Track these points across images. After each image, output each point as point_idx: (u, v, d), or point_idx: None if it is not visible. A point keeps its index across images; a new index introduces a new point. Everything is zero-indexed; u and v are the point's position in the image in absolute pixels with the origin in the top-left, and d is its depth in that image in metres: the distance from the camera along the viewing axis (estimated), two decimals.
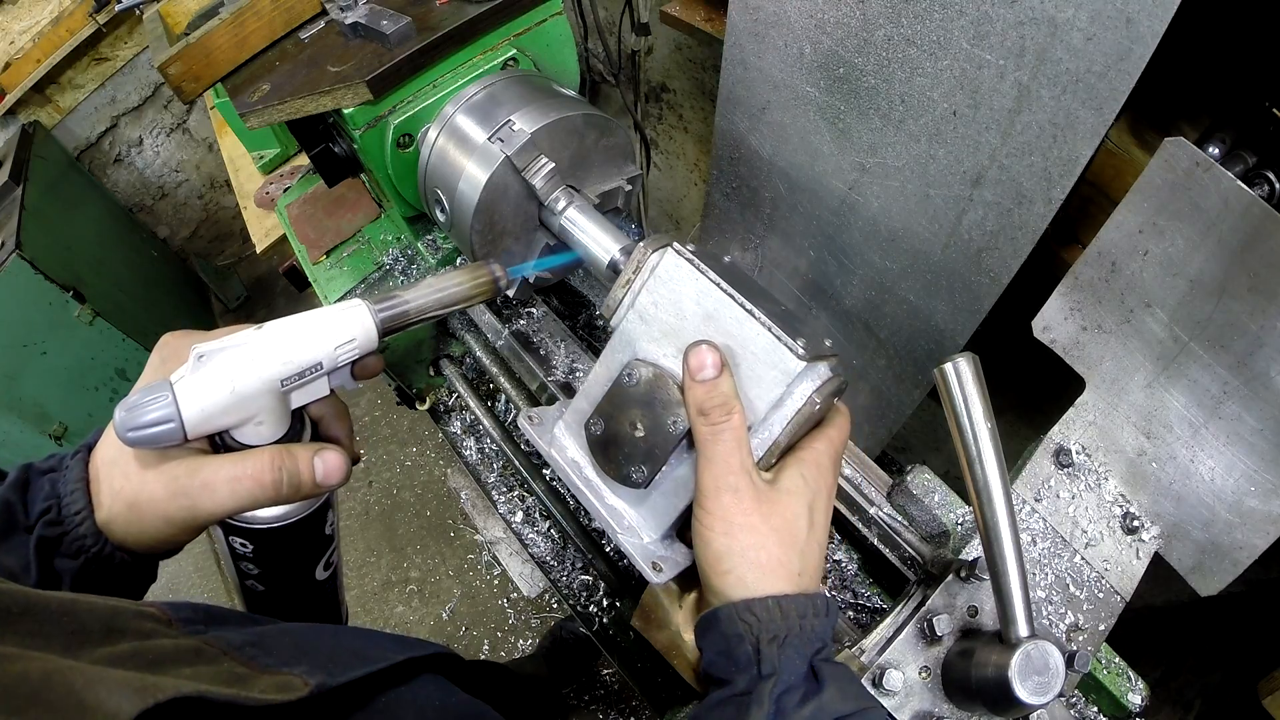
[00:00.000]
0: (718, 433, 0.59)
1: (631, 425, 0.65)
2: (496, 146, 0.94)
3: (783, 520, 0.59)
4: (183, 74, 1.07)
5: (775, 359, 0.61)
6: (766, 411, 0.62)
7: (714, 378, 0.60)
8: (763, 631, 0.54)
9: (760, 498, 0.58)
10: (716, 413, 0.59)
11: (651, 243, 0.67)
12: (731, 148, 1.36)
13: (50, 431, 2.51)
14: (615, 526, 0.67)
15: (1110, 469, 0.86)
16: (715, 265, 0.65)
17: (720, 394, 0.59)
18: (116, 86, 3.40)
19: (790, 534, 0.59)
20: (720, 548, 0.57)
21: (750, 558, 0.57)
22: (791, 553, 0.58)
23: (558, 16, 1.10)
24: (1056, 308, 0.88)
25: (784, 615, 0.55)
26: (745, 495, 0.58)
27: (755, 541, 0.57)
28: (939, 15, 0.92)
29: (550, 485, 1.23)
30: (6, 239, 2.35)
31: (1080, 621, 0.78)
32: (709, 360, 0.60)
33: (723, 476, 0.58)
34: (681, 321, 0.64)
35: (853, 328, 1.36)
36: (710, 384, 0.60)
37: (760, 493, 0.59)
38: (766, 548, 0.57)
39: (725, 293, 0.62)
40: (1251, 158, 0.95)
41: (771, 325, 0.60)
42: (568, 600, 1.18)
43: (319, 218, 1.41)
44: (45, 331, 2.43)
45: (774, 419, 0.62)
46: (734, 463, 0.58)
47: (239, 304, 3.91)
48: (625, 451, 0.66)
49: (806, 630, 0.55)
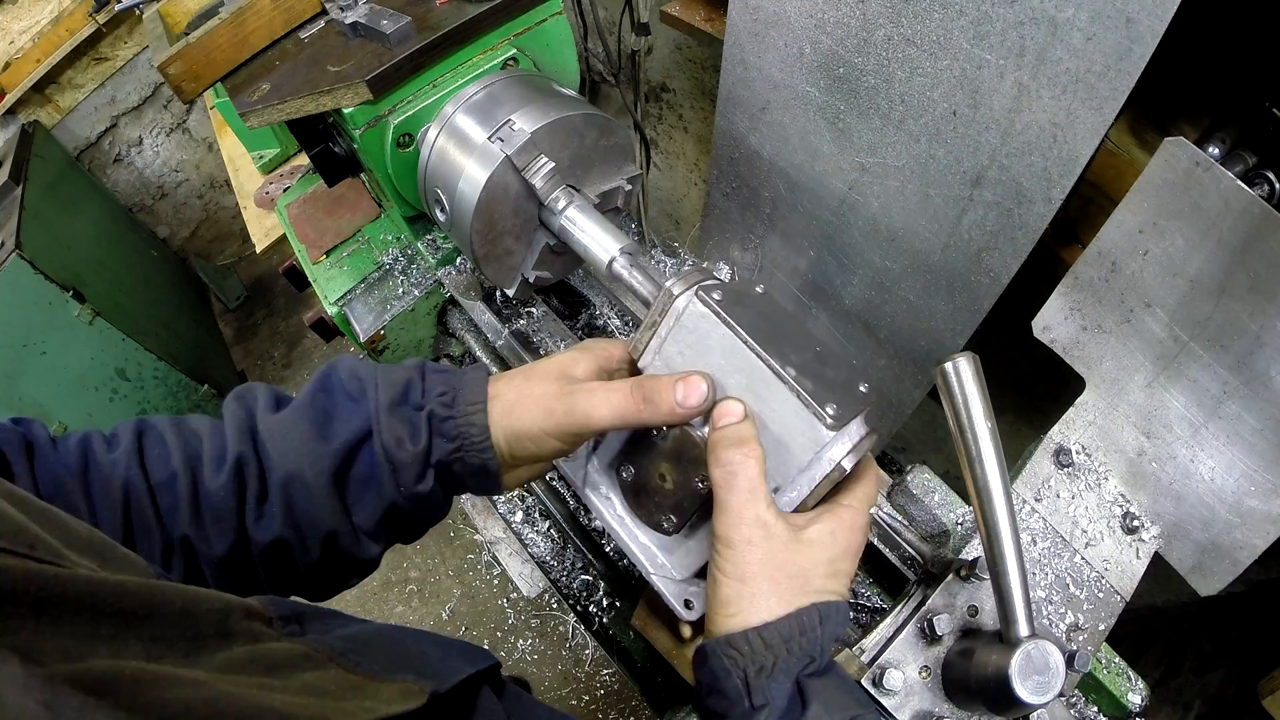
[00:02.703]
0: (731, 478, 0.57)
1: (660, 477, 0.65)
2: (496, 146, 0.94)
3: (798, 569, 0.57)
4: (183, 74, 1.07)
5: (803, 425, 0.59)
6: (794, 475, 0.60)
7: (734, 423, 0.59)
8: (749, 664, 0.54)
9: (776, 547, 0.57)
10: (731, 454, 0.58)
11: (680, 281, 0.64)
12: (731, 148, 1.36)
13: (50, 432, 2.51)
14: (648, 566, 0.67)
15: (1110, 469, 0.86)
16: (745, 311, 0.62)
17: (737, 435, 0.58)
18: (116, 86, 3.40)
19: (803, 582, 0.57)
20: (729, 594, 0.57)
21: (759, 604, 0.56)
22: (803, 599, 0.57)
23: (558, 16, 1.10)
24: (1056, 308, 0.88)
25: (767, 645, 0.55)
26: (759, 547, 0.57)
27: (766, 589, 0.56)
28: (939, 15, 0.92)
29: (550, 485, 1.23)
30: (6, 239, 2.34)
31: (1080, 621, 0.78)
32: (735, 409, 0.59)
33: (735, 528, 0.57)
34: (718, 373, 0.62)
35: (853, 328, 1.36)
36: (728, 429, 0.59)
37: (776, 541, 0.57)
38: (778, 595, 0.56)
39: (752, 350, 0.60)
40: (1251, 158, 0.95)
41: (800, 391, 0.58)
42: (567, 600, 1.18)
43: (319, 217, 1.41)
44: (45, 331, 2.42)
45: (801, 481, 0.60)
46: (748, 514, 0.57)
47: (239, 304, 3.91)
48: (655, 501, 0.65)
49: (795, 651, 0.55)
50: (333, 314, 1.29)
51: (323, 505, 0.62)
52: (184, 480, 0.60)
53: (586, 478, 0.71)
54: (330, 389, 0.66)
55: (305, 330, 2.38)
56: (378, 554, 0.68)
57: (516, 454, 0.66)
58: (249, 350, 3.74)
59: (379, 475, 0.63)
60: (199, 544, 0.60)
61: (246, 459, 0.61)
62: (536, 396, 0.64)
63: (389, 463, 0.62)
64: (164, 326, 2.99)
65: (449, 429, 0.64)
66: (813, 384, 0.59)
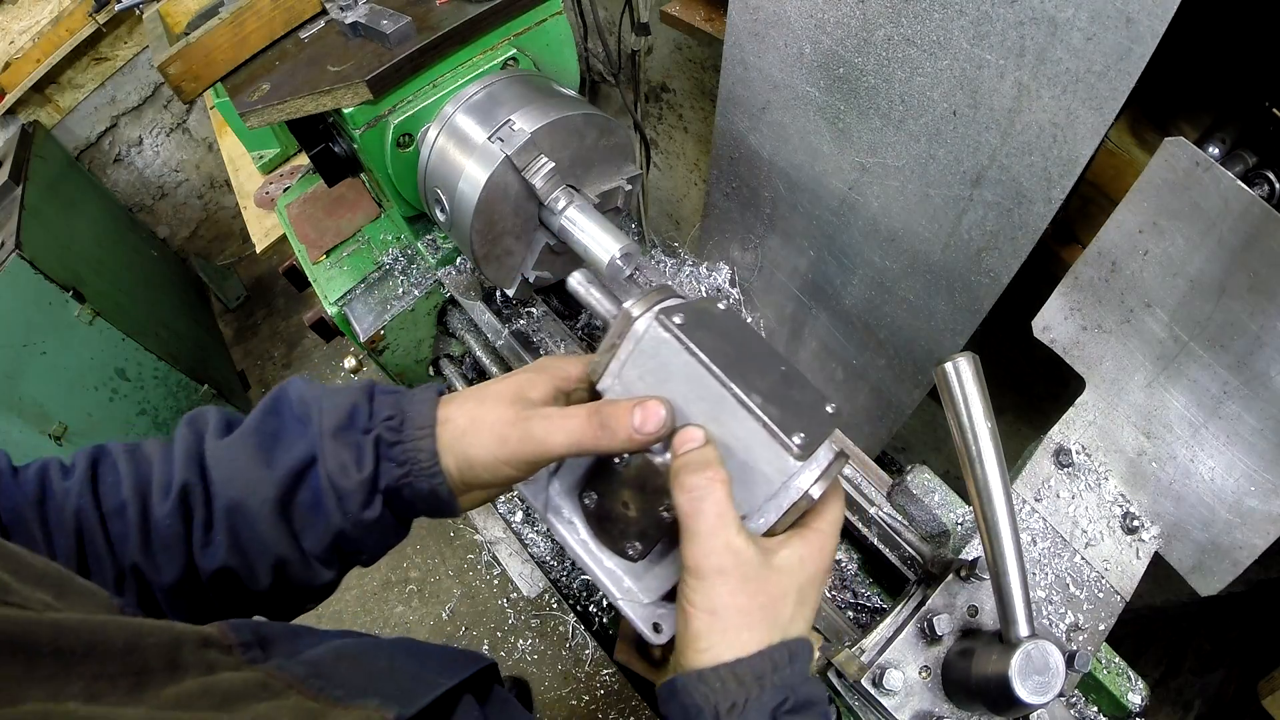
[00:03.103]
0: (698, 503, 0.55)
1: (624, 505, 0.63)
2: (496, 146, 0.94)
3: (769, 598, 0.56)
4: (182, 74, 1.07)
5: (770, 454, 0.56)
6: (762, 502, 0.58)
7: (696, 448, 0.57)
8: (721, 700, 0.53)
9: (747, 574, 0.55)
10: (696, 479, 0.55)
11: (640, 303, 0.61)
12: (731, 148, 1.36)
13: (50, 431, 2.51)
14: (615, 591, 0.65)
15: (1110, 469, 0.86)
16: (708, 334, 0.59)
17: (700, 460, 0.56)
18: (116, 86, 3.39)
19: (774, 612, 0.56)
20: (701, 627, 0.55)
21: (731, 638, 0.54)
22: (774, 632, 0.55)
23: (558, 16, 1.10)
24: (1056, 308, 0.88)
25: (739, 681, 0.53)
26: (732, 575, 0.54)
27: (738, 623, 0.54)
28: (939, 15, 0.92)
29: None
30: (6, 239, 2.34)
31: (1080, 621, 0.78)
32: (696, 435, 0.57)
33: (706, 557, 0.55)
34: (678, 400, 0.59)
35: (853, 328, 1.36)
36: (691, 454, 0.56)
37: (748, 569, 0.55)
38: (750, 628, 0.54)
39: (715, 377, 0.57)
40: (1251, 158, 0.95)
41: (766, 419, 0.55)
42: (567, 600, 1.18)
43: (319, 217, 1.41)
44: (45, 331, 2.42)
45: (769, 509, 0.59)
46: (717, 542, 0.55)
47: (239, 304, 3.91)
48: (620, 528, 0.63)
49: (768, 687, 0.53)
50: (333, 314, 1.29)
51: (269, 533, 0.61)
52: (134, 508, 0.59)
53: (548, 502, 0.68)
54: (279, 412, 0.64)
55: (305, 330, 2.38)
56: (333, 579, 0.67)
57: (469, 480, 0.64)
58: (249, 350, 3.74)
59: (325, 502, 0.61)
60: (149, 572, 0.60)
61: (192, 486, 0.60)
62: (490, 422, 0.62)
63: (334, 489, 0.61)
64: (164, 326, 2.99)
65: (397, 454, 0.62)
66: (779, 410, 0.56)
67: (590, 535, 0.66)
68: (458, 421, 0.63)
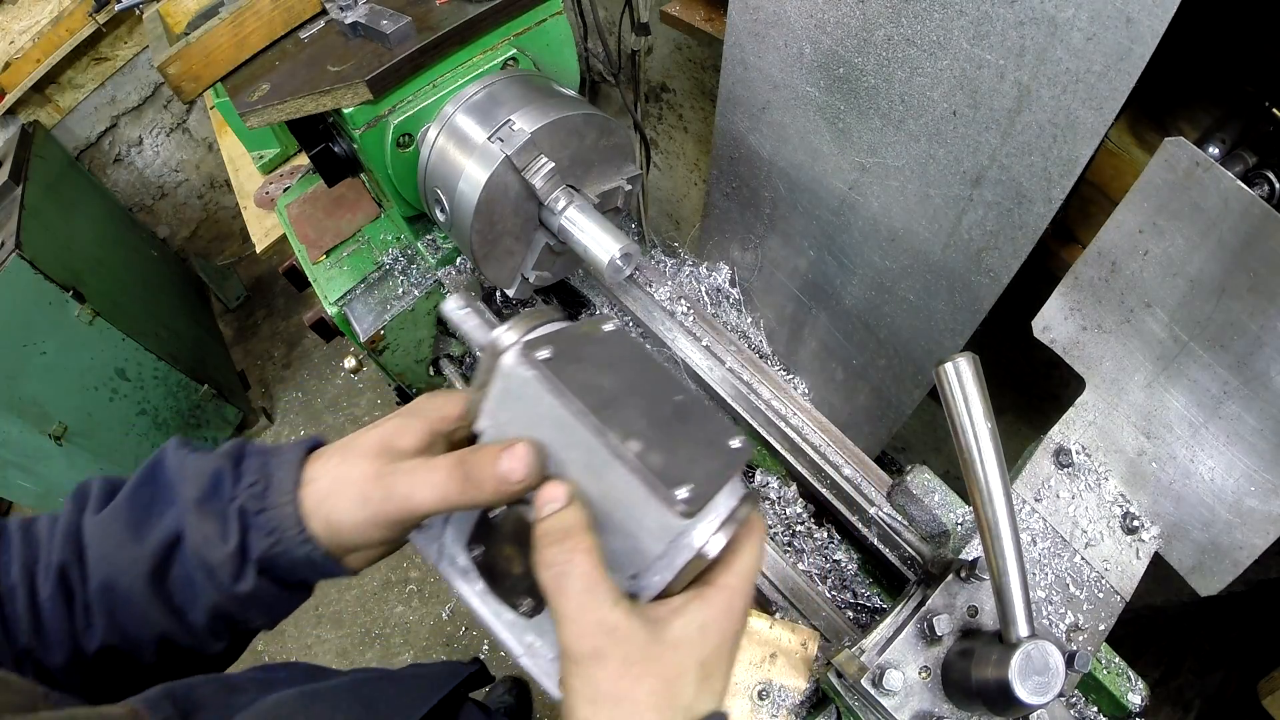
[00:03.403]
0: (560, 579, 0.48)
1: (508, 559, 0.57)
2: (496, 146, 0.94)
3: (662, 680, 0.48)
4: (182, 74, 1.07)
5: (652, 513, 0.48)
6: (651, 562, 0.50)
7: (557, 510, 0.49)
8: None
9: (631, 656, 0.47)
10: (555, 552, 0.48)
11: (510, 331, 0.54)
12: (731, 148, 1.36)
13: (50, 431, 2.51)
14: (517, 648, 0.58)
15: (1110, 469, 0.86)
16: (582, 368, 0.52)
17: (559, 527, 0.49)
18: (116, 86, 3.40)
19: (671, 695, 0.48)
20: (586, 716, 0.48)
21: None
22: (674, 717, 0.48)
23: (558, 16, 1.10)
24: (1056, 308, 0.88)
25: None
26: (611, 659, 0.47)
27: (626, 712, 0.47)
28: (939, 15, 0.92)
29: None
30: (6, 239, 2.34)
31: (1080, 621, 0.78)
32: (556, 492, 0.50)
33: (578, 640, 0.47)
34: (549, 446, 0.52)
35: (853, 328, 1.36)
36: (549, 520, 0.49)
37: (631, 648, 0.48)
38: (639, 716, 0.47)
39: (585, 422, 0.49)
40: (1251, 158, 0.95)
41: (645, 472, 0.47)
42: None
43: (319, 217, 1.41)
44: (45, 331, 2.42)
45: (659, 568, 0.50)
46: (588, 620, 0.47)
47: (239, 304, 3.91)
48: (509, 584, 0.58)
49: None
50: (333, 314, 1.29)
51: (146, 610, 0.57)
52: (22, 590, 0.57)
53: (442, 551, 0.61)
54: (154, 480, 0.60)
55: (305, 330, 2.38)
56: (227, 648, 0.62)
57: (343, 544, 0.58)
58: (249, 350, 3.74)
59: (195, 576, 0.57)
60: (41, 654, 0.57)
61: (69, 565, 0.57)
62: (352, 481, 0.56)
63: (202, 563, 0.57)
64: (164, 326, 2.99)
65: (263, 523, 0.57)
66: (663, 457, 0.48)
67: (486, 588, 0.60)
68: (320, 483, 0.57)
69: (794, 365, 1.54)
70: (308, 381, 3.53)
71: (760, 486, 1.09)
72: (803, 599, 0.92)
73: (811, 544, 1.04)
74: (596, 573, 0.48)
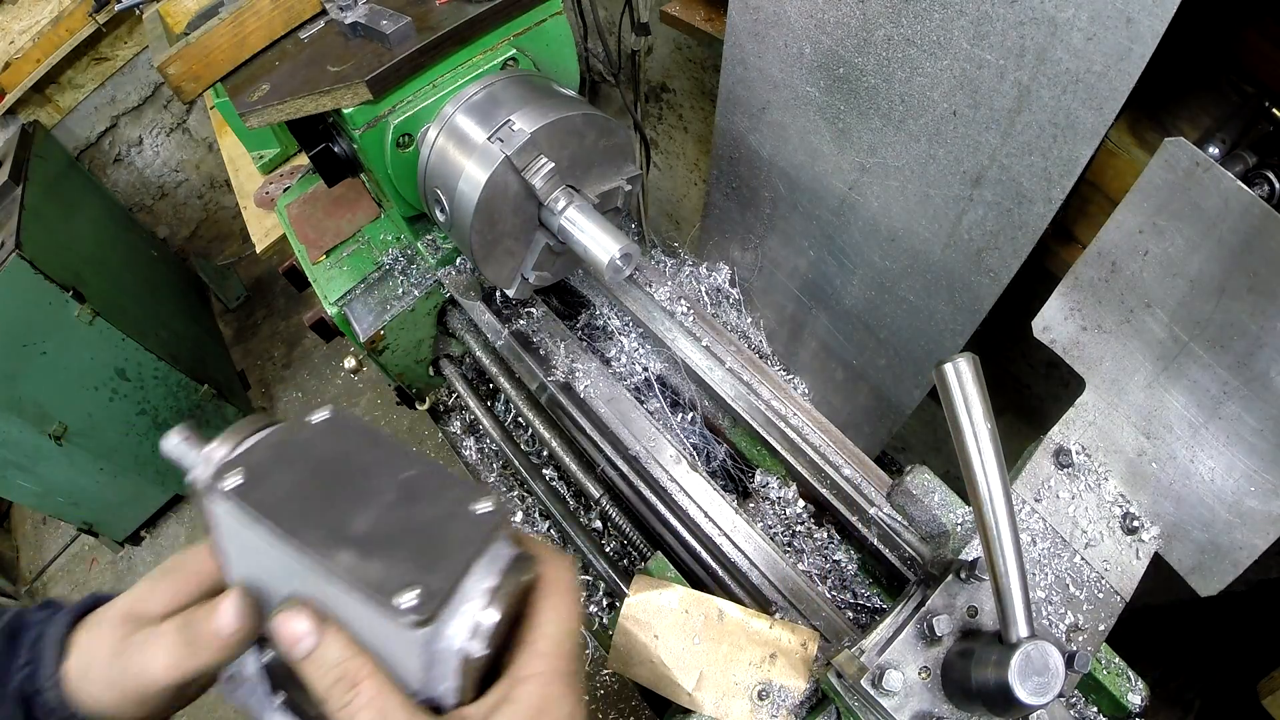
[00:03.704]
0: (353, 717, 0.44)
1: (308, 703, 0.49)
2: (496, 146, 0.94)
3: None
4: (182, 74, 1.07)
5: (387, 627, 0.43)
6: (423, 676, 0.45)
7: (313, 647, 0.44)
8: None
9: None
10: (337, 696, 0.44)
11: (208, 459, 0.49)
12: (731, 148, 1.36)
13: (50, 431, 2.51)
14: None
15: (1110, 469, 0.86)
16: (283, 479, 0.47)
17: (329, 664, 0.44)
18: (116, 86, 3.40)
19: None
20: None
21: None
22: None
23: (557, 16, 1.10)
24: (1056, 308, 0.88)
25: None
26: None
27: None
28: (939, 15, 0.92)
29: (550, 486, 1.23)
30: (6, 239, 2.34)
31: (1080, 621, 0.78)
32: (298, 628, 0.45)
33: None
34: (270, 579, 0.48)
35: (853, 328, 1.36)
36: (313, 659, 0.44)
37: None
38: None
39: (289, 546, 0.44)
40: (1251, 158, 0.95)
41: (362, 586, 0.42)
42: None
43: (319, 218, 1.41)
44: (45, 331, 2.42)
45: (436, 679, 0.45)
46: None
47: (239, 304, 3.91)
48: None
49: None
50: (333, 314, 1.29)
51: None
52: None
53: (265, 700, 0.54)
54: None
55: (305, 330, 2.38)
56: None
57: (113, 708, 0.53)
58: (249, 350, 3.74)
59: None
60: None
61: None
62: (100, 658, 0.52)
63: None
64: (164, 326, 2.99)
65: (40, 705, 0.53)
66: (381, 563, 0.43)
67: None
68: (77, 659, 0.53)
69: (794, 365, 1.54)
70: (307, 382, 3.53)
71: (760, 486, 1.09)
72: (803, 599, 0.92)
73: (811, 544, 1.04)
74: (390, 700, 0.44)
